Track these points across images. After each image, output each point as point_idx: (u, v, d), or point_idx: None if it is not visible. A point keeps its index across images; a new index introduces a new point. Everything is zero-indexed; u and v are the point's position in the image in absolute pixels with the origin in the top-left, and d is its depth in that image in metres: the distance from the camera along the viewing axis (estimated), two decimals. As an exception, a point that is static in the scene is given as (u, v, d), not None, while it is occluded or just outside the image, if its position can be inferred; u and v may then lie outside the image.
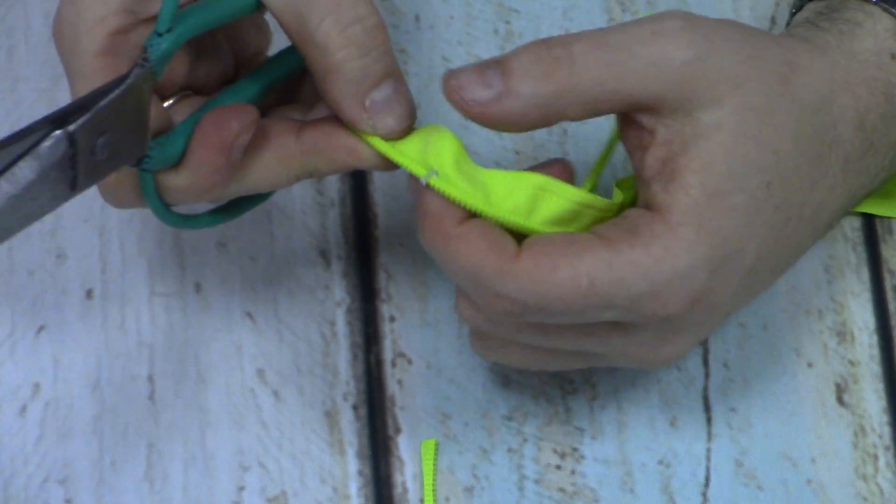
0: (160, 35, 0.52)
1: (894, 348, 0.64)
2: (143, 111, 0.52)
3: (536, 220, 0.53)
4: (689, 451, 0.62)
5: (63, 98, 0.65)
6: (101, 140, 0.51)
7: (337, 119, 0.54)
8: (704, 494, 0.62)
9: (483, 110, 0.52)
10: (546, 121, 0.53)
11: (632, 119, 0.53)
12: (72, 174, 0.51)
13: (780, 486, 0.62)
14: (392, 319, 0.64)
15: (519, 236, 0.53)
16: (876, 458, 0.63)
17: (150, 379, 0.63)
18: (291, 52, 0.56)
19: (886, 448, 0.63)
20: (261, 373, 0.63)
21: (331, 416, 0.63)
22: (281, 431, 0.62)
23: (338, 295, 0.64)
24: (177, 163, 0.54)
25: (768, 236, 0.54)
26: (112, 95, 0.51)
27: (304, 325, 0.64)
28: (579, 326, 0.54)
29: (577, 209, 0.54)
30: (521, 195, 0.53)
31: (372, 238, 0.65)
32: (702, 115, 0.52)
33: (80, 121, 0.50)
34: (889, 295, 0.65)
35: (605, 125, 0.65)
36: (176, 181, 0.54)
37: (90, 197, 0.64)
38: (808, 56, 0.55)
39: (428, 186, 0.52)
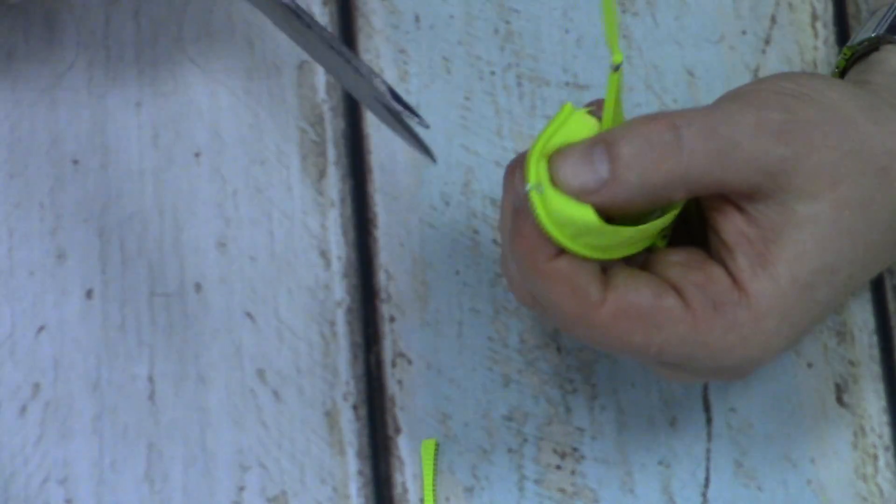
0: None
1: (894, 348, 0.64)
2: None
3: (615, 245, 0.52)
4: (689, 452, 0.62)
5: (63, 98, 0.66)
6: None
7: None
8: (704, 495, 0.62)
9: (588, 197, 0.50)
10: (651, 205, 0.52)
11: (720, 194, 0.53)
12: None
13: (780, 486, 0.62)
14: (392, 319, 0.64)
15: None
16: (876, 458, 0.62)
17: (150, 379, 0.63)
18: None
19: (886, 448, 0.63)
20: (261, 373, 0.63)
21: (331, 416, 0.62)
22: (281, 431, 0.62)
23: (338, 295, 0.64)
24: None
25: (829, 312, 0.54)
26: None
27: (304, 325, 0.63)
28: None
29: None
30: (613, 239, 0.52)
31: (372, 238, 0.65)
32: (797, 207, 0.51)
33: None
34: (889, 295, 0.65)
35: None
36: None
37: (90, 197, 0.64)
38: None
39: (526, 196, 0.51)
